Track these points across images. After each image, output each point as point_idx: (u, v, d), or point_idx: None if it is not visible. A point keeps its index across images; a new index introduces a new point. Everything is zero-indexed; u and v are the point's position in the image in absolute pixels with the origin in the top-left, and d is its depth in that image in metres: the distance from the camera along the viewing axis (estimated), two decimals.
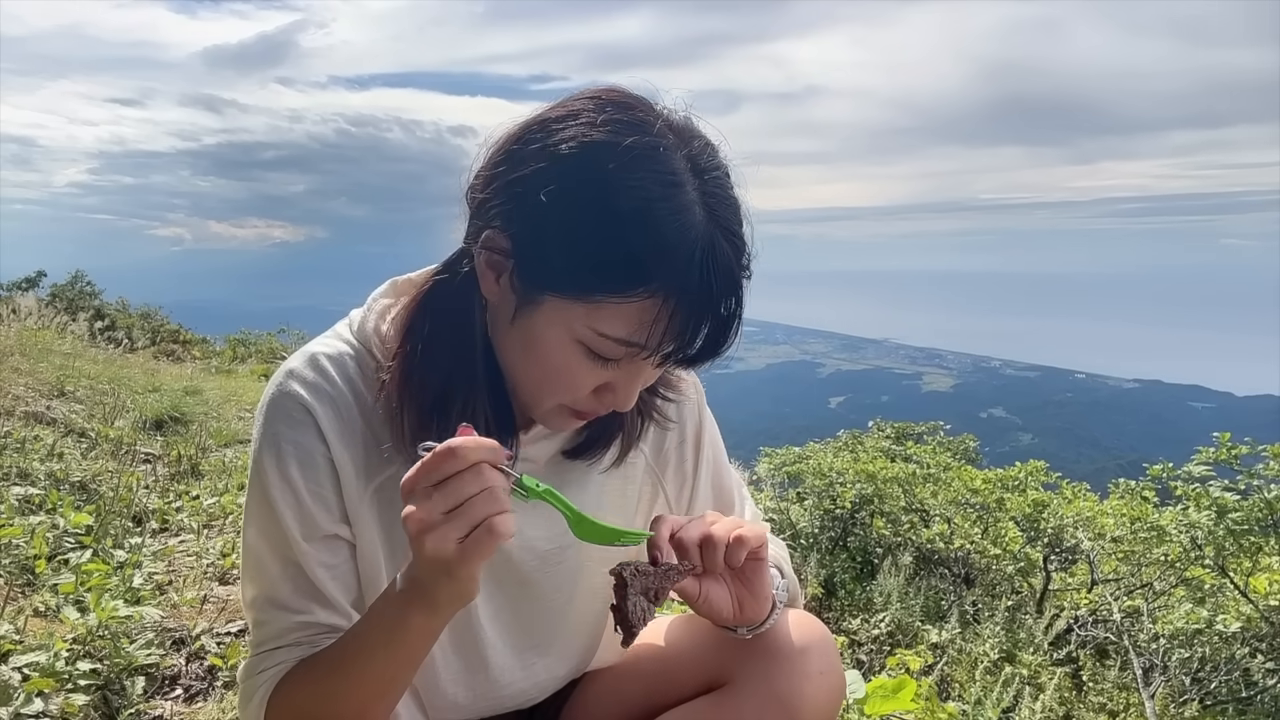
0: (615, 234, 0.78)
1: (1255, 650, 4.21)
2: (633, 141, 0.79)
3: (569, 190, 0.78)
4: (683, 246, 0.78)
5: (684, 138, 0.83)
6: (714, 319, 0.81)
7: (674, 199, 0.78)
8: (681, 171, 0.80)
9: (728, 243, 0.81)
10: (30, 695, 1.56)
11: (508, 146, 0.84)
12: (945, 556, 5.46)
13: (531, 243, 0.82)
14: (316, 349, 0.96)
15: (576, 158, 0.79)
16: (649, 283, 0.78)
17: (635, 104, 0.84)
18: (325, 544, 0.94)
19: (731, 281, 0.81)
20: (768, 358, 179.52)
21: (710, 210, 0.80)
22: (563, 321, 0.82)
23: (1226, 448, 4.33)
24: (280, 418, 0.92)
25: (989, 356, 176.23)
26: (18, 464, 3.05)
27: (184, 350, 11.81)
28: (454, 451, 0.73)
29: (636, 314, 0.80)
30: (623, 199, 0.77)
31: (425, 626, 0.82)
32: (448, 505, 0.73)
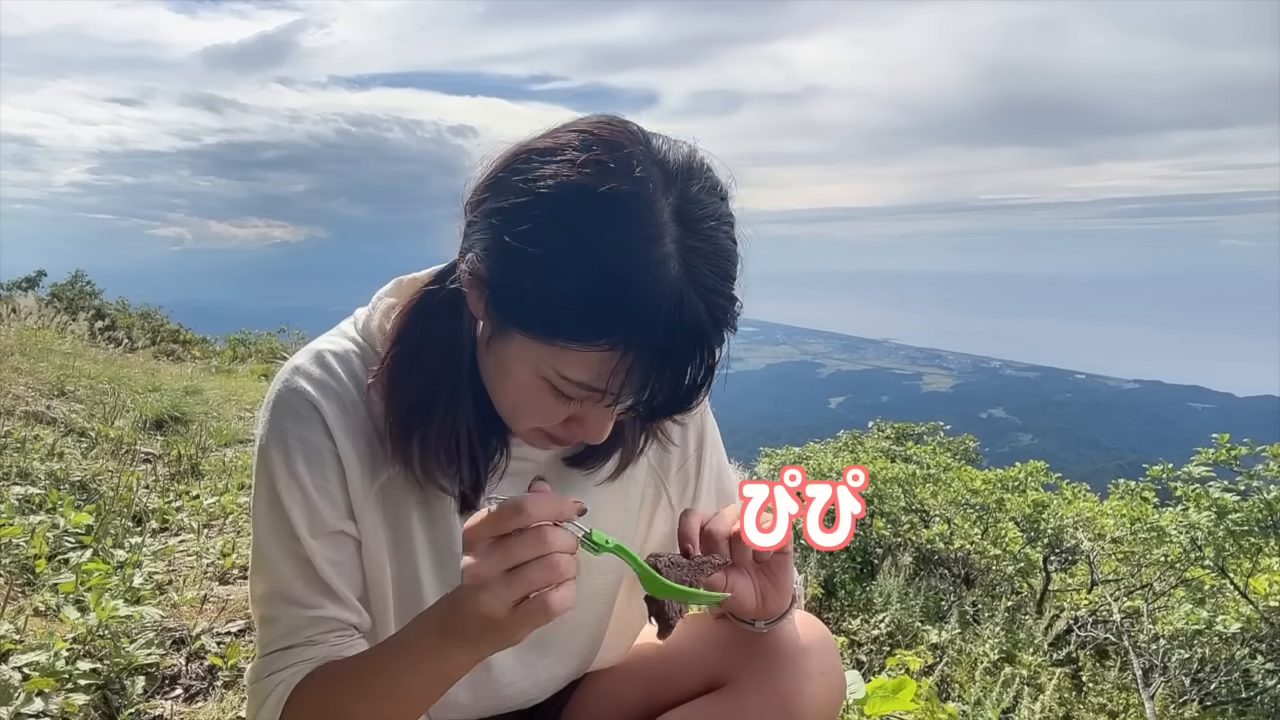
0: (579, 286, 0.75)
1: (1255, 651, 4.21)
2: (612, 188, 0.76)
3: (541, 232, 0.76)
4: (648, 303, 0.74)
5: (675, 181, 0.79)
6: (676, 376, 0.78)
7: (647, 256, 0.75)
8: (660, 223, 0.76)
9: (701, 299, 0.77)
10: (30, 695, 1.56)
11: (496, 173, 0.83)
12: (945, 557, 5.46)
13: (503, 277, 0.80)
14: (323, 346, 0.96)
15: (552, 199, 0.77)
16: (609, 336, 0.76)
17: (625, 142, 0.79)
18: (331, 540, 0.95)
19: (698, 340, 0.77)
20: (768, 358, 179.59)
21: (687, 265, 0.76)
22: (529, 358, 0.81)
23: (1226, 448, 4.33)
24: (287, 413, 0.92)
25: (989, 357, 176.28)
26: (18, 463, 3.05)
27: (184, 350, 11.81)
28: (520, 508, 0.73)
29: (596, 363, 0.78)
30: (592, 249, 0.75)
31: (463, 661, 0.83)
32: (505, 565, 0.73)
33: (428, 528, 0.99)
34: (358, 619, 0.97)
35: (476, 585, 0.74)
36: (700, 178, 0.81)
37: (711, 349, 0.79)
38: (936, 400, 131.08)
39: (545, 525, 0.74)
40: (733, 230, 0.82)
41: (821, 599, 4.69)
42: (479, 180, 0.85)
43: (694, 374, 0.79)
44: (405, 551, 0.98)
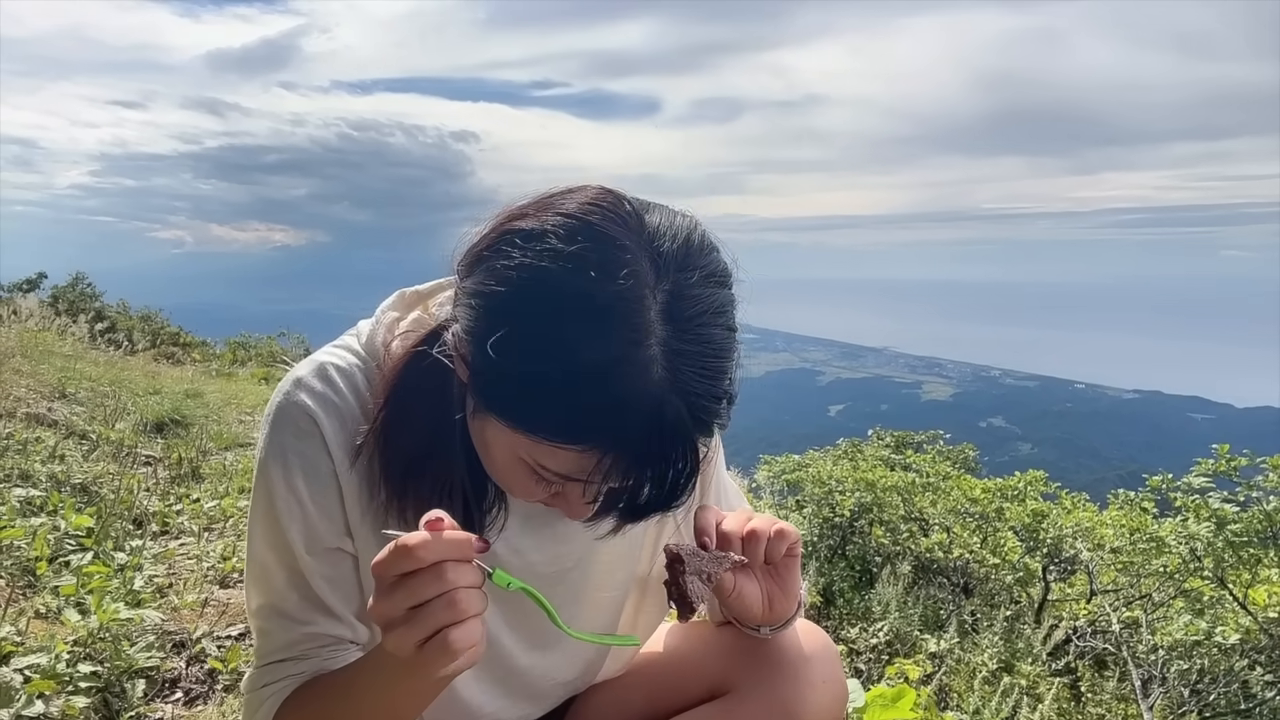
0: (558, 385, 0.73)
1: (1254, 662, 4.21)
2: (595, 286, 0.72)
3: (517, 329, 0.74)
4: (627, 409, 0.72)
5: (666, 274, 0.75)
6: (655, 480, 0.77)
7: (628, 362, 0.72)
8: (646, 324, 0.73)
9: (684, 402, 0.74)
10: (31, 697, 1.56)
11: (481, 249, 0.80)
12: (944, 566, 5.46)
13: (482, 364, 0.77)
14: (326, 359, 0.95)
15: (530, 294, 0.74)
16: (587, 439, 0.74)
17: (615, 233, 0.75)
18: (328, 556, 0.94)
19: (680, 444, 0.75)
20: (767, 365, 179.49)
21: (672, 369, 0.73)
22: (507, 443, 0.80)
23: (1226, 459, 4.33)
24: (287, 427, 0.91)
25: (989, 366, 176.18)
26: (19, 466, 3.05)
27: (184, 353, 11.81)
28: (409, 551, 0.70)
29: (575, 460, 0.76)
30: (571, 351, 0.72)
31: (425, 688, 0.82)
32: (407, 604, 0.71)
33: None
34: (352, 634, 0.97)
35: (382, 625, 0.73)
36: (696, 265, 0.77)
37: (691, 450, 0.77)
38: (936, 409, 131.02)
39: (445, 563, 0.71)
40: (729, 318, 0.79)
41: (820, 607, 4.69)
42: (469, 247, 0.83)
43: (676, 474, 0.77)
44: None
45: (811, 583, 4.85)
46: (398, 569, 0.71)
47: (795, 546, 0.94)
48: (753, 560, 0.94)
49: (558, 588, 1.06)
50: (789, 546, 0.93)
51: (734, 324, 0.80)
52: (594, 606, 1.11)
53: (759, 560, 0.94)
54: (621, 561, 1.10)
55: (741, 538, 0.92)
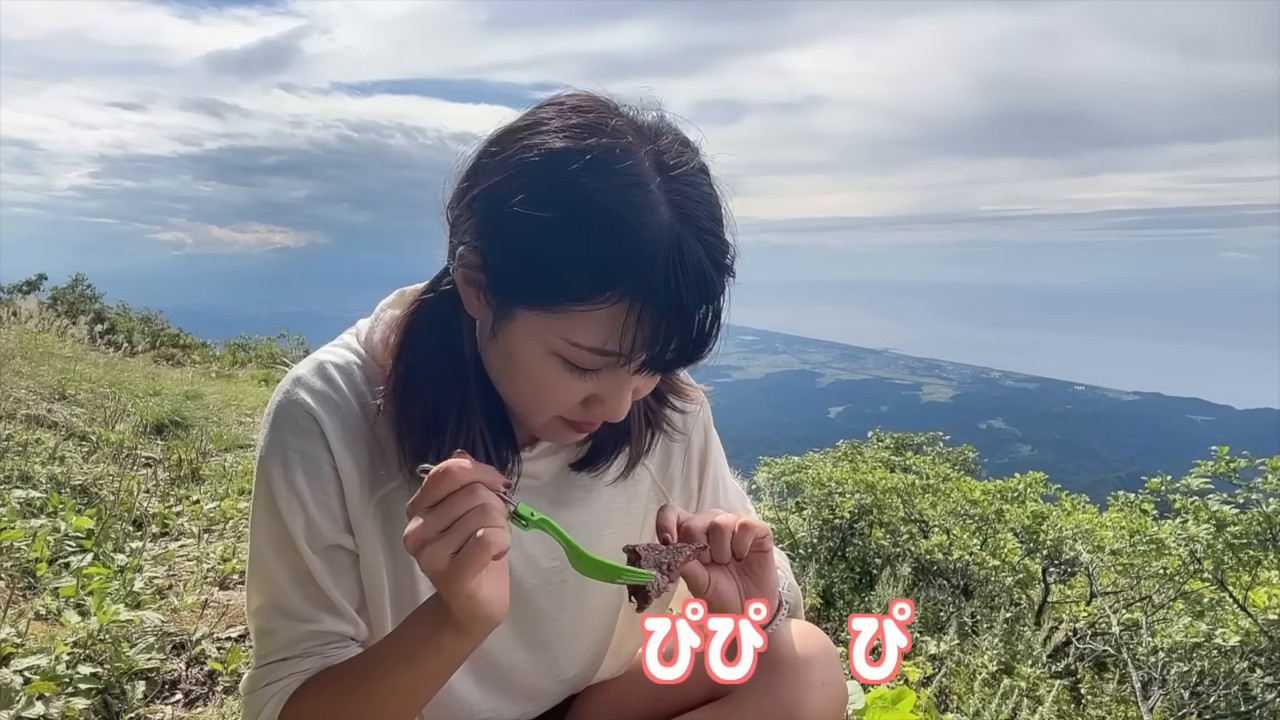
0: (577, 240, 0.76)
1: (1254, 664, 4.21)
2: (592, 144, 0.77)
3: (530, 200, 0.77)
4: (647, 248, 0.75)
5: (649, 137, 0.81)
6: (686, 321, 0.78)
7: (636, 200, 0.76)
8: (645, 172, 0.78)
9: (698, 241, 0.78)
10: (31, 698, 1.56)
11: (477, 161, 0.84)
12: (944, 567, 5.46)
13: (500, 256, 0.80)
14: (325, 358, 0.95)
15: (536, 166, 0.78)
16: (615, 288, 0.76)
17: (597, 108, 0.82)
18: (330, 554, 0.94)
19: (703, 281, 0.78)
20: (767, 367, 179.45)
21: (678, 209, 0.77)
22: (536, 334, 0.81)
23: (1225, 461, 4.34)
24: (287, 425, 0.91)
25: (988, 368, 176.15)
26: (19, 467, 3.05)
27: (184, 354, 11.81)
28: (447, 472, 0.75)
29: (606, 321, 0.78)
30: (583, 204, 0.76)
31: (454, 647, 0.83)
32: (442, 524, 0.75)
33: None
34: (355, 631, 0.97)
35: (418, 547, 0.75)
36: (670, 133, 0.83)
37: (715, 292, 0.79)
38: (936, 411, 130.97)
39: (477, 483, 0.76)
40: (710, 180, 0.83)
41: (820, 609, 4.69)
42: (458, 175, 0.86)
43: (701, 320, 0.79)
44: (403, 565, 0.98)
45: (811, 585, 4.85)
46: (435, 495, 0.75)
47: (764, 541, 0.93)
48: (718, 554, 0.92)
49: (561, 584, 1.07)
50: (756, 541, 0.92)
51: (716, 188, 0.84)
52: (594, 603, 1.11)
53: (725, 554, 0.92)
54: (619, 557, 1.11)
55: (705, 531, 0.92)
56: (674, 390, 1.07)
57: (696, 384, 1.14)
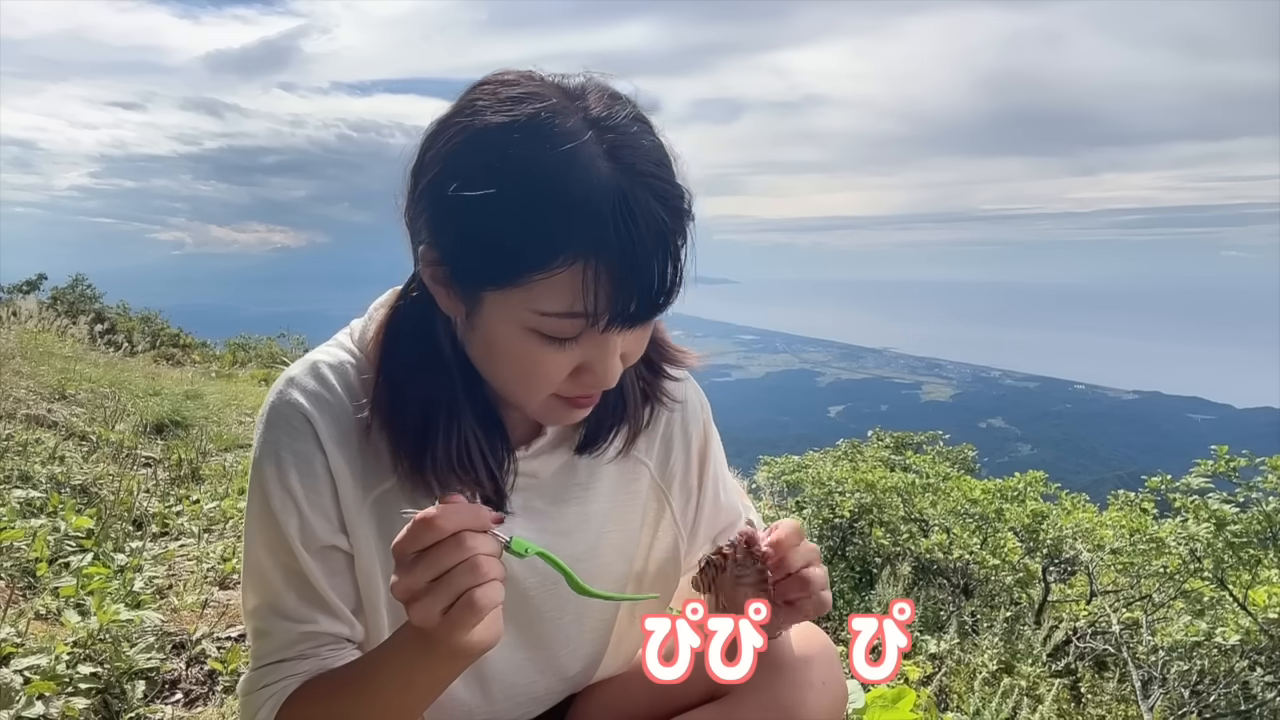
0: (521, 210, 0.75)
1: (1254, 663, 4.21)
2: (520, 114, 0.77)
3: (470, 182, 0.77)
4: (590, 204, 0.75)
5: (575, 96, 0.81)
6: (645, 271, 0.77)
7: (571, 159, 0.75)
8: (576, 129, 0.77)
9: (644, 189, 0.77)
10: (31, 698, 1.56)
11: (419, 158, 0.84)
12: (944, 567, 5.46)
13: (454, 244, 0.81)
14: (318, 358, 0.95)
15: (470, 148, 0.79)
16: (566, 249, 0.75)
17: (522, 80, 0.82)
18: (324, 554, 0.94)
19: (655, 225, 0.77)
20: (767, 366, 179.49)
21: (617, 160, 0.77)
22: (507, 313, 0.81)
23: (1225, 460, 4.34)
24: (280, 426, 0.91)
25: (988, 367, 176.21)
26: (19, 467, 3.06)
27: (184, 354, 11.82)
28: (429, 523, 0.73)
29: (568, 283, 0.77)
30: (520, 173, 0.76)
31: (447, 667, 0.84)
32: (429, 575, 0.73)
33: None
34: (350, 632, 0.97)
35: (407, 599, 0.74)
36: (599, 90, 0.82)
37: (669, 236, 0.78)
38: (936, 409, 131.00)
39: (464, 532, 0.74)
40: (652, 130, 0.82)
41: None
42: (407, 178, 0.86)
43: (661, 268, 0.78)
44: None
45: None
46: (419, 543, 0.73)
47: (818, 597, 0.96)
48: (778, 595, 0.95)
49: (558, 585, 1.06)
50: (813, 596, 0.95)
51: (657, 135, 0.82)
52: (595, 602, 1.11)
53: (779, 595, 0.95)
54: (619, 554, 1.11)
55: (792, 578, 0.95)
56: (666, 358, 1.06)
57: (695, 387, 1.14)
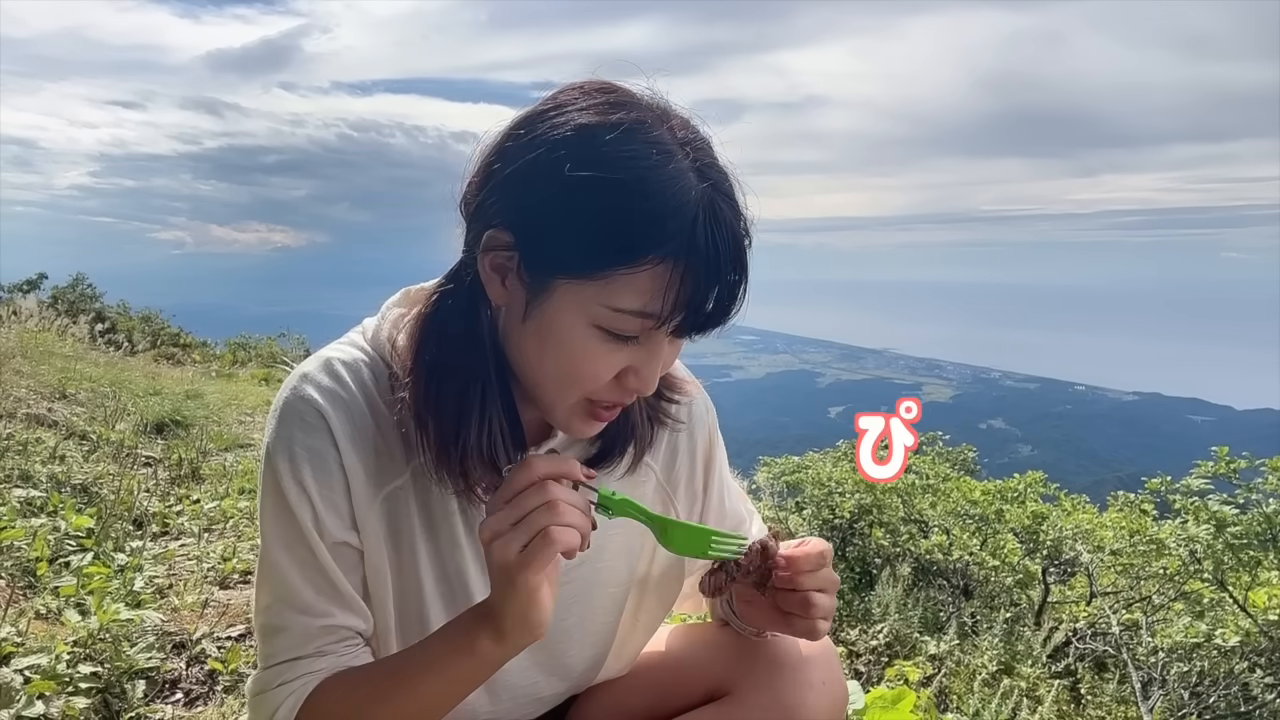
0: (617, 205, 0.78)
1: (1254, 665, 4.21)
2: (620, 118, 0.81)
3: (566, 171, 0.79)
4: (685, 209, 0.79)
5: (662, 114, 0.85)
6: (722, 280, 0.81)
7: (668, 165, 0.79)
8: (669, 142, 0.81)
9: (726, 205, 0.82)
10: (31, 697, 1.56)
11: (500, 145, 0.85)
12: (944, 568, 5.46)
13: (535, 231, 0.82)
14: (332, 354, 0.96)
15: (569, 140, 0.80)
16: (657, 249, 0.78)
17: (614, 89, 0.86)
18: (336, 550, 0.94)
19: (735, 241, 0.82)
20: (767, 367, 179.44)
21: (704, 175, 0.81)
22: (576, 305, 0.82)
23: (1225, 461, 4.33)
24: (294, 421, 0.91)
25: (988, 368, 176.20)
26: (20, 466, 3.06)
27: (184, 354, 11.82)
28: (525, 465, 0.82)
29: (648, 282, 0.79)
30: (620, 170, 0.78)
31: (490, 653, 0.85)
32: (514, 517, 0.80)
33: (430, 540, 0.99)
34: (365, 625, 0.97)
35: (491, 538, 0.81)
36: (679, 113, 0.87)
37: (743, 253, 0.83)
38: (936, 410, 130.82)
39: (549, 480, 0.81)
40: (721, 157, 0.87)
41: None
42: (479, 163, 0.87)
43: (733, 283, 0.82)
44: (407, 563, 0.98)
45: None
46: (512, 488, 0.81)
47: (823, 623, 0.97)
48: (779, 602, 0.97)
49: (565, 586, 1.06)
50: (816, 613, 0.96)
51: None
52: (600, 603, 1.11)
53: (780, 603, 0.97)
54: (624, 559, 1.11)
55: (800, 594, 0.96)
56: (672, 386, 1.08)
57: (700, 392, 1.15)
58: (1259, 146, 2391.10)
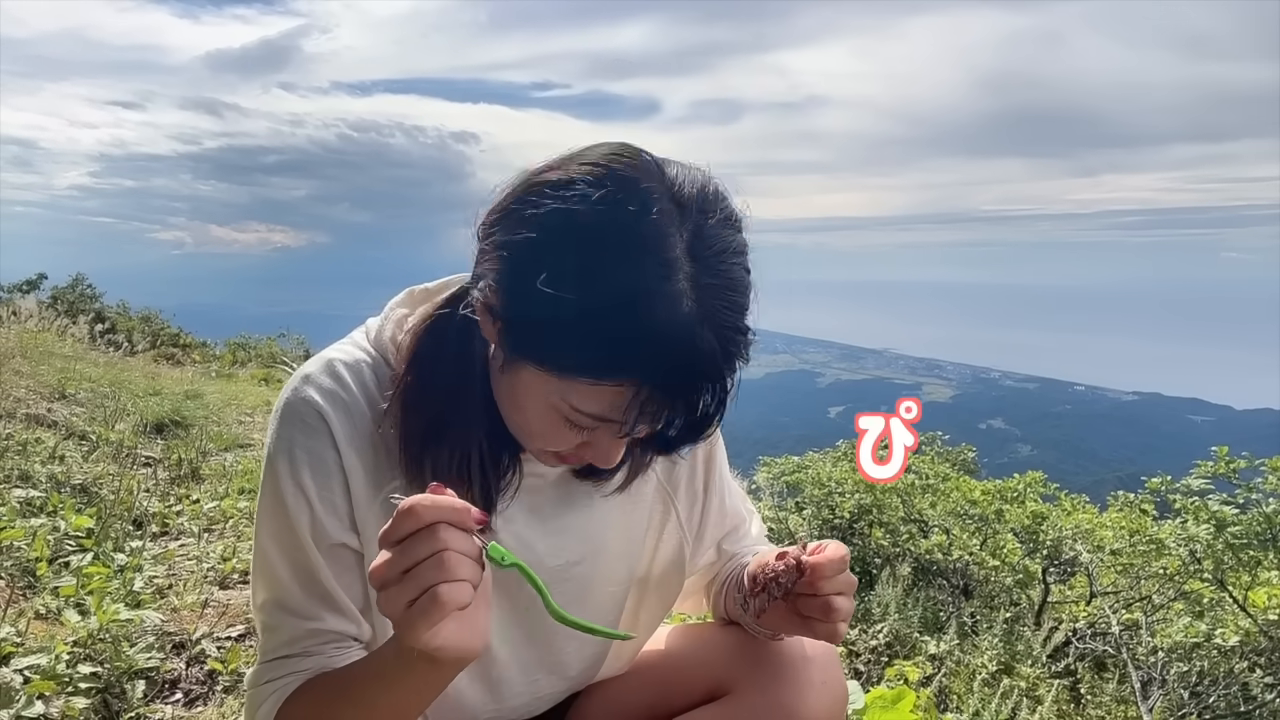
0: (593, 321, 0.75)
1: (1254, 664, 4.21)
2: (625, 223, 0.76)
3: (552, 269, 0.76)
4: (662, 340, 0.75)
5: (689, 216, 0.79)
6: (688, 410, 0.79)
7: (660, 289, 0.75)
8: (673, 259, 0.76)
9: (715, 334, 0.77)
10: (31, 698, 1.56)
11: (507, 203, 0.83)
12: (944, 567, 5.46)
13: (515, 312, 0.80)
14: (334, 355, 0.96)
15: (563, 235, 0.77)
16: (623, 373, 0.77)
17: (639, 176, 0.79)
18: (334, 552, 0.94)
19: (711, 374, 0.78)
20: (767, 367, 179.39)
21: (701, 300, 0.76)
22: (540, 391, 0.82)
23: (1225, 461, 4.33)
24: (295, 423, 0.92)
25: (988, 368, 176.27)
26: (19, 466, 3.05)
27: (184, 354, 11.82)
28: (410, 511, 0.71)
29: (609, 397, 0.78)
30: (604, 286, 0.75)
31: (429, 675, 0.81)
32: (402, 566, 0.71)
33: None
34: (357, 630, 0.97)
35: (377, 586, 0.73)
36: (715, 209, 0.81)
37: (724, 382, 0.80)
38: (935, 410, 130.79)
39: (440, 525, 0.71)
40: (746, 260, 0.83)
41: None
42: (495, 205, 0.85)
43: (706, 406, 0.80)
44: None
45: None
46: (400, 532, 0.71)
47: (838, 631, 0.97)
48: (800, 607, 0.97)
49: (565, 584, 1.06)
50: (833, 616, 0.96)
51: (749, 266, 0.83)
52: (598, 603, 1.11)
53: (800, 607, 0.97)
54: (624, 558, 1.11)
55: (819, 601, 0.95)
56: None
57: None
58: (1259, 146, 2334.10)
